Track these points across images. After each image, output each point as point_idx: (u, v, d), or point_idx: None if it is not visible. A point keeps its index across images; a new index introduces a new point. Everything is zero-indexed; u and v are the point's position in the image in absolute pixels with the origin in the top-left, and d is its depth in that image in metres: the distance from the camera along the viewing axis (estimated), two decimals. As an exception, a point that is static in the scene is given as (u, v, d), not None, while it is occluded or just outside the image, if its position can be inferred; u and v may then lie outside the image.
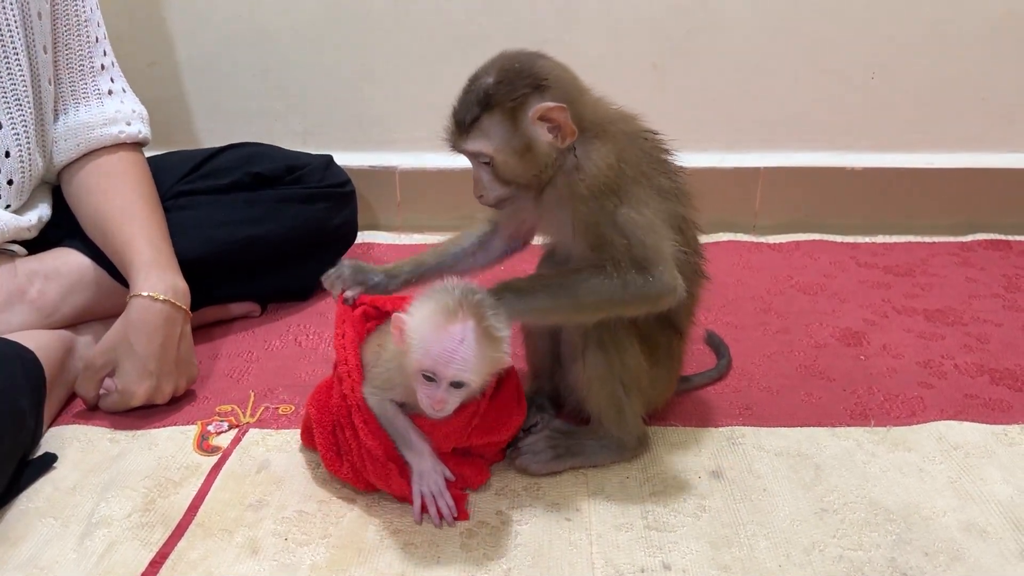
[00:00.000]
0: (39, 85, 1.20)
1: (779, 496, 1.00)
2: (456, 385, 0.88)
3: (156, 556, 0.90)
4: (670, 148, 1.02)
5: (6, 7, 1.13)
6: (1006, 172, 1.73)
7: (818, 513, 0.97)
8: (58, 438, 1.08)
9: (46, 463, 1.03)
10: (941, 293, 1.50)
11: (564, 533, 0.94)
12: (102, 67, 1.27)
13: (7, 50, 1.14)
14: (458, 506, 0.96)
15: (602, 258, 0.94)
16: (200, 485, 1.01)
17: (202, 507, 0.97)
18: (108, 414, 1.13)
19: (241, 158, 1.41)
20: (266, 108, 1.77)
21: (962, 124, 1.75)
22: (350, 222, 1.50)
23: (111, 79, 1.28)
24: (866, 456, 1.07)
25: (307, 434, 1.05)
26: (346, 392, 0.98)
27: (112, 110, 1.26)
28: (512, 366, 1.02)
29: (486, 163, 0.95)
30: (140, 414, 1.13)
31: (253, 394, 1.19)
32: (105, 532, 0.93)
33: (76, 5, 1.22)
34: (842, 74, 1.72)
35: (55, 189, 1.30)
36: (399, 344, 0.90)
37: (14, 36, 1.14)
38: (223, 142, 1.47)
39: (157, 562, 0.89)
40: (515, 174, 0.95)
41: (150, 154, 1.33)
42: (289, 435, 1.10)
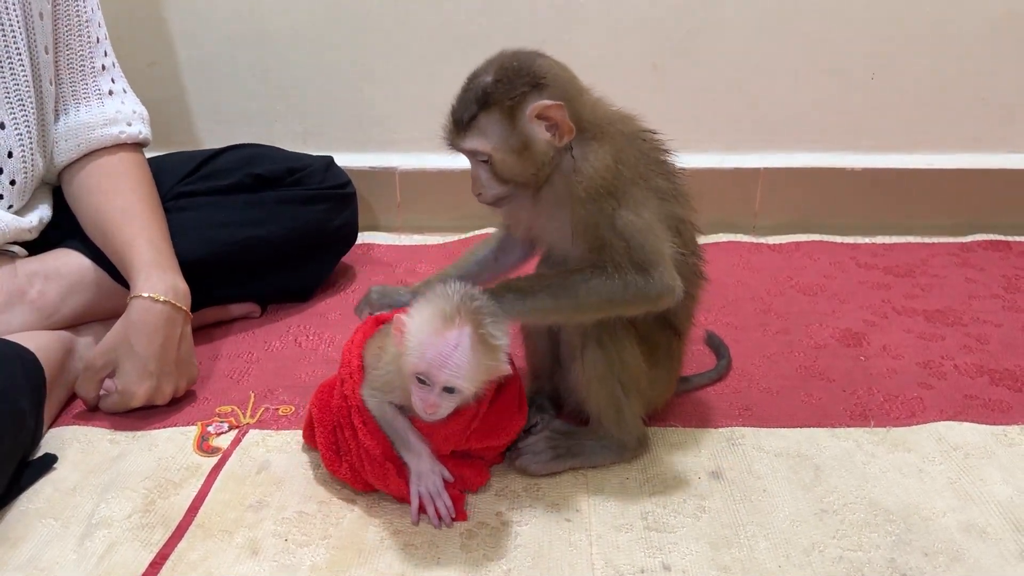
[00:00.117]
0: (40, 85, 1.20)
1: (779, 497, 1.00)
2: (449, 390, 0.88)
3: (156, 557, 0.90)
4: (669, 149, 1.02)
5: (8, 8, 1.13)
6: (1006, 172, 1.73)
7: (818, 514, 0.97)
8: (58, 439, 1.09)
9: (46, 464, 1.03)
10: (941, 294, 1.50)
11: (564, 534, 0.94)
12: (103, 67, 1.27)
13: (10, 50, 1.14)
14: (456, 507, 0.96)
15: (602, 259, 0.94)
16: (200, 486, 1.01)
17: (202, 508, 0.97)
18: (108, 415, 1.13)
19: (242, 159, 1.41)
20: (266, 109, 1.77)
21: (962, 124, 1.75)
22: (350, 223, 1.50)
23: (112, 79, 1.28)
24: (866, 457, 1.07)
25: (309, 432, 1.05)
26: (347, 393, 0.98)
27: (113, 110, 1.26)
28: (516, 372, 1.02)
29: (484, 161, 0.95)
30: (140, 415, 1.13)
31: (253, 395, 1.19)
32: (105, 533, 0.93)
33: (77, 5, 1.22)
34: (842, 74, 1.72)
35: (56, 190, 1.30)
36: (399, 346, 0.90)
37: (16, 37, 1.14)
38: (223, 143, 1.47)
39: (157, 563, 0.89)
40: (513, 173, 0.95)
41: (150, 155, 1.33)
42: (289, 436, 1.10)
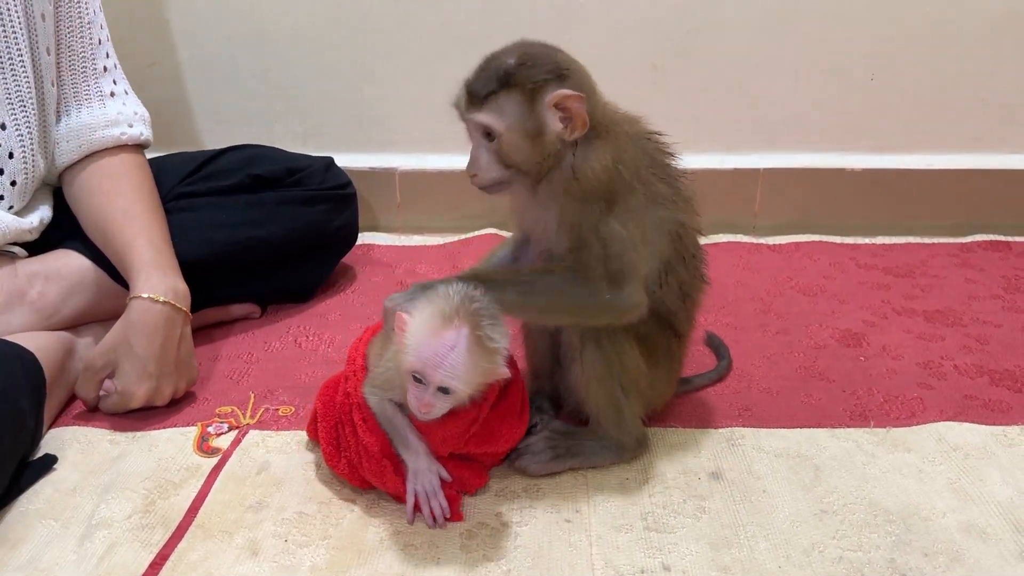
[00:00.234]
0: (42, 87, 1.20)
1: (779, 497, 1.00)
2: (444, 391, 0.88)
3: (156, 558, 0.90)
4: (673, 152, 1.02)
5: (10, 9, 1.13)
6: (1006, 173, 1.73)
7: (818, 514, 0.97)
8: (58, 439, 1.09)
9: (46, 465, 1.03)
10: (941, 294, 1.50)
11: (564, 534, 0.94)
12: (104, 69, 1.27)
13: (11, 52, 1.14)
14: (452, 507, 0.95)
15: (578, 261, 0.94)
16: (200, 487, 1.01)
17: (202, 508, 0.97)
18: (108, 416, 1.13)
19: (242, 160, 1.42)
20: (266, 109, 1.77)
21: (962, 125, 1.75)
22: (351, 224, 1.50)
23: (113, 81, 1.28)
24: (866, 457, 1.07)
25: (312, 427, 1.06)
26: (349, 390, 0.99)
27: (114, 112, 1.26)
28: (519, 379, 1.02)
29: (490, 140, 0.94)
30: (140, 416, 1.13)
31: (253, 395, 1.19)
32: (105, 534, 0.93)
33: (79, 7, 1.23)
34: (842, 75, 1.72)
35: (56, 191, 1.30)
36: (398, 343, 0.90)
37: (18, 38, 1.14)
38: (223, 143, 1.47)
39: (157, 563, 0.89)
40: (518, 158, 0.94)
41: (151, 155, 1.33)
42: (289, 437, 1.10)
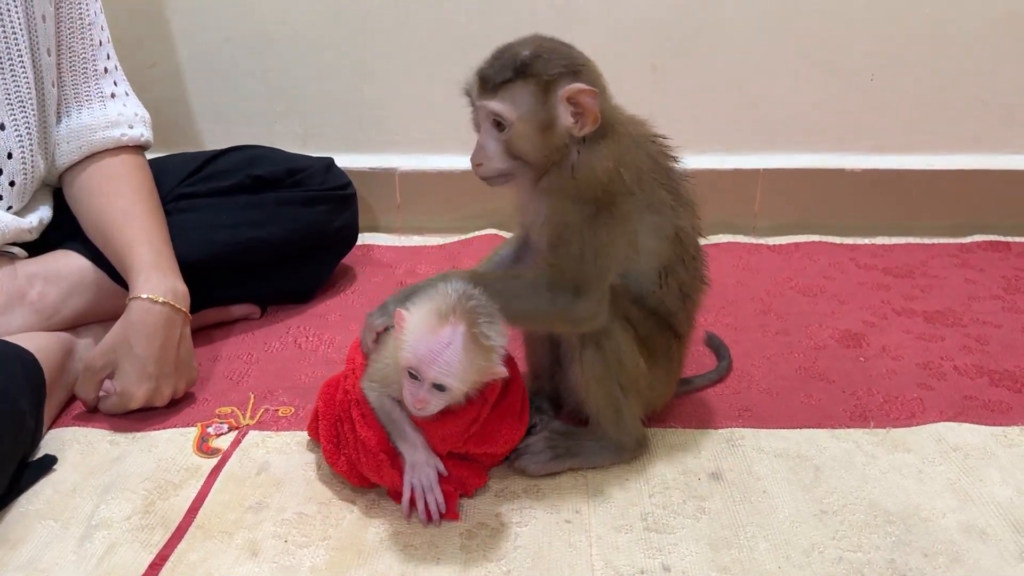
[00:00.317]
0: (43, 87, 1.20)
1: (779, 498, 1.00)
2: (439, 388, 0.88)
3: (156, 558, 0.90)
4: (677, 156, 1.02)
5: (11, 10, 1.13)
6: (1005, 173, 1.73)
7: (818, 515, 0.97)
8: (58, 440, 1.09)
9: (46, 465, 1.03)
10: (940, 294, 1.50)
11: (564, 535, 0.94)
12: (105, 70, 1.27)
13: (11, 52, 1.14)
14: (448, 504, 0.95)
15: (552, 259, 0.95)
16: (200, 487, 1.01)
17: (202, 509, 0.97)
18: (108, 416, 1.13)
19: (242, 160, 1.42)
20: (266, 110, 1.77)
21: (961, 125, 1.75)
22: (351, 224, 1.50)
23: (114, 82, 1.28)
24: (866, 458, 1.07)
25: (313, 426, 1.06)
26: (348, 388, 0.99)
27: (115, 113, 1.26)
28: (520, 381, 1.02)
29: (500, 130, 0.94)
30: (140, 416, 1.13)
31: (253, 396, 1.19)
32: (105, 534, 0.93)
33: (80, 9, 1.23)
34: (842, 75, 1.72)
35: (56, 191, 1.30)
36: (397, 339, 0.90)
37: (18, 39, 1.14)
38: (224, 144, 1.48)
39: (157, 564, 0.89)
40: (526, 149, 0.94)
41: (151, 156, 1.33)
42: (289, 437, 1.10)
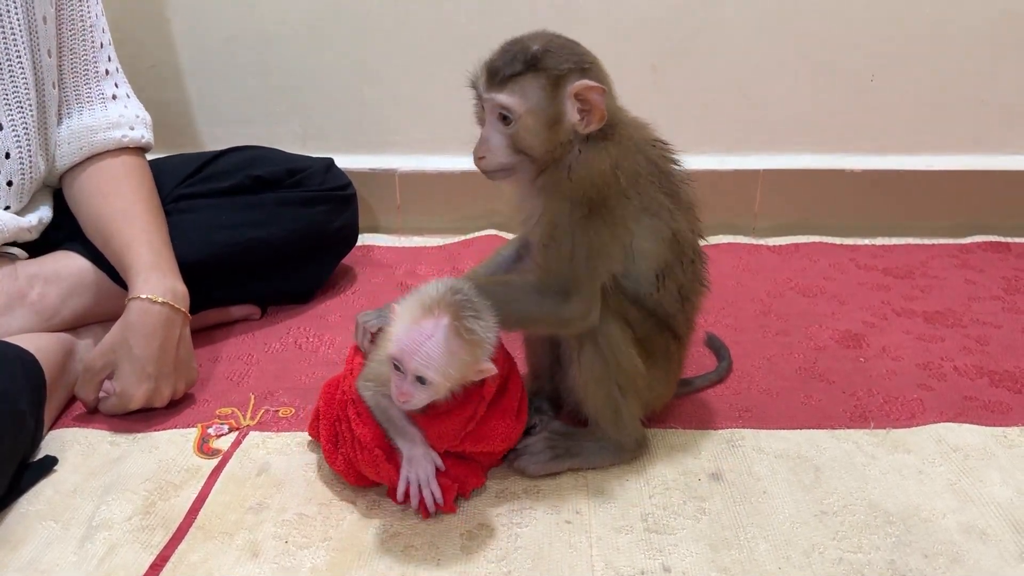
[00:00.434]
0: (43, 88, 1.20)
1: (779, 498, 1.00)
2: (421, 381, 0.88)
3: (156, 559, 0.90)
4: (678, 159, 1.02)
5: (10, 11, 1.13)
6: (1005, 174, 1.73)
7: (818, 515, 0.97)
8: (58, 441, 1.09)
9: (46, 466, 1.03)
10: (940, 295, 1.50)
11: (564, 535, 0.94)
12: (106, 72, 1.27)
13: (10, 53, 1.14)
14: (446, 498, 0.95)
15: (543, 259, 0.95)
16: (200, 488, 1.01)
17: (202, 510, 0.97)
18: (108, 417, 1.13)
19: (242, 161, 1.42)
20: (266, 111, 1.77)
21: (961, 126, 1.75)
22: (351, 225, 1.50)
23: (115, 84, 1.28)
24: (866, 458, 1.07)
25: (314, 425, 1.06)
26: (345, 388, 0.99)
27: (116, 114, 1.26)
28: (519, 381, 1.02)
29: (505, 124, 0.93)
30: (140, 417, 1.13)
31: (253, 397, 1.19)
32: (106, 535, 0.93)
33: (81, 10, 1.23)
34: (841, 76, 1.72)
35: (56, 192, 1.30)
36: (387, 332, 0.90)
37: (17, 40, 1.15)
38: (224, 145, 1.48)
39: (158, 565, 0.89)
40: (531, 144, 0.93)
41: (151, 157, 1.33)
42: (289, 438, 1.10)
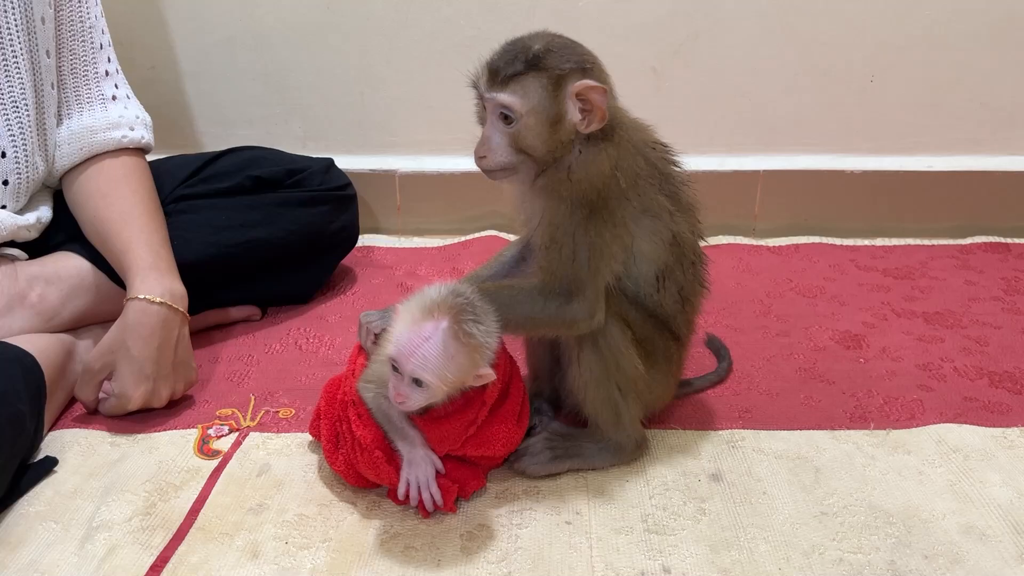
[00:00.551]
0: (41, 89, 1.20)
1: (779, 499, 1.00)
2: (418, 383, 0.88)
3: (157, 560, 0.90)
4: (678, 161, 1.02)
5: (8, 11, 1.13)
6: (1005, 175, 1.73)
7: (818, 516, 0.97)
8: (58, 442, 1.09)
9: (46, 467, 1.03)
10: (940, 296, 1.50)
11: (564, 536, 0.94)
12: (106, 73, 1.27)
13: (6, 53, 1.14)
14: (446, 499, 0.95)
15: (545, 261, 0.95)
16: (201, 489, 1.01)
17: (203, 511, 0.97)
18: (108, 418, 1.13)
19: (242, 162, 1.42)
20: (266, 112, 1.77)
21: (961, 127, 1.75)
22: (351, 225, 1.50)
23: (115, 85, 1.28)
24: (866, 459, 1.07)
25: (316, 424, 1.06)
26: (347, 389, 0.99)
27: (116, 115, 1.26)
28: (522, 385, 1.02)
29: (507, 123, 0.93)
30: (140, 418, 1.13)
31: (253, 398, 1.19)
32: (106, 536, 0.93)
33: (80, 11, 1.23)
34: (841, 77, 1.72)
35: (56, 193, 1.30)
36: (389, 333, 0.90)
37: (14, 40, 1.15)
38: (223, 146, 1.48)
39: (158, 566, 0.89)
40: (533, 143, 0.93)
41: (151, 158, 1.33)
42: (289, 439, 1.10)
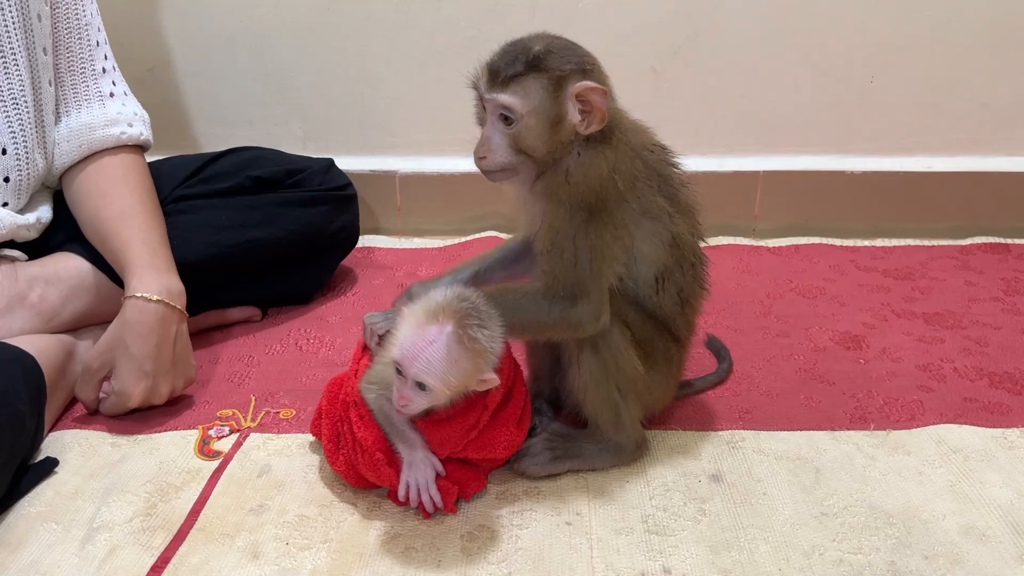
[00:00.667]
0: (39, 86, 1.20)
1: (779, 500, 1.00)
2: (421, 386, 0.88)
3: (157, 561, 0.90)
4: (677, 163, 1.02)
5: (5, 9, 1.14)
6: (1005, 176, 1.73)
7: (818, 517, 0.97)
8: (59, 443, 1.09)
9: (47, 468, 1.03)
10: (940, 297, 1.50)
11: (564, 537, 0.94)
12: (103, 70, 1.27)
13: (4, 51, 1.14)
14: (446, 500, 0.95)
15: (547, 264, 0.95)
16: (201, 490, 1.01)
17: (203, 512, 0.97)
18: (109, 419, 1.13)
19: (241, 162, 1.42)
20: (266, 112, 1.77)
21: (961, 128, 1.75)
22: (351, 226, 1.50)
23: (113, 82, 1.28)
24: (866, 460, 1.07)
25: (317, 423, 1.06)
26: (348, 389, 0.99)
27: (114, 112, 1.26)
28: (524, 388, 1.02)
29: (507, 124, 0.93)
30: (141, 418, 1.13)
31: (254, 398, 1.19)
32: (106, 537, 0.93)
33: (76, 9, 1.23)
34: (841, 78, 1.72)
35: (56, 194, 1.30)
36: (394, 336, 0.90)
37: (11, 37, 1.15)
38: (223, 146, 1.48)
39: (158, 567, 0.89)
40: (533, 144, 0.93)
41: (150, 159, 1.33)
42: (290, 439, 1.10)
